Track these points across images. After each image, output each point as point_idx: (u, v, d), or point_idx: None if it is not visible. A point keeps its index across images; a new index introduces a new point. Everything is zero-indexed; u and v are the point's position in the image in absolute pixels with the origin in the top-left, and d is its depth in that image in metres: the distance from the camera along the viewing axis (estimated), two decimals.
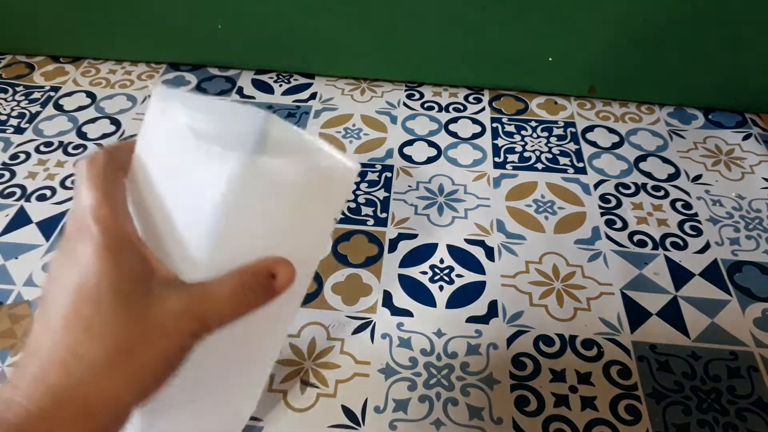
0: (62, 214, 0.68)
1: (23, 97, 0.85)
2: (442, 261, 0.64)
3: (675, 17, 0.75)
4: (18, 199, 0.70)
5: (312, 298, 0.60)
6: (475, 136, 0.80)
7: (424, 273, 0.63)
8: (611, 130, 0.81)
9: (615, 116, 0.84)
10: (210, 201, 0.27)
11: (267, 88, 0.88)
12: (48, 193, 0.71)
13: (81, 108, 0.84)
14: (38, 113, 0.83)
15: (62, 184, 0.72)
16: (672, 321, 0.59)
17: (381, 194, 0.71)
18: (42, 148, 0.77)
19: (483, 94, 0.87)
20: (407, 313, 0.59)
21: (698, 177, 0.75)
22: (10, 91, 0.86)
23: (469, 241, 0.66)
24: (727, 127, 0.82)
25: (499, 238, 0.66)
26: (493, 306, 0.60)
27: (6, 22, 0.89)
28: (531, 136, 0.80)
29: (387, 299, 0.60)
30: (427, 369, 0.54)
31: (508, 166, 0.76)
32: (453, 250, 0.65)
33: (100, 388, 0.25)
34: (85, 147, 0.77)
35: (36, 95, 0.86)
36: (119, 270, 0.26)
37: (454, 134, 0.80)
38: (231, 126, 0.31)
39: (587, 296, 0.61)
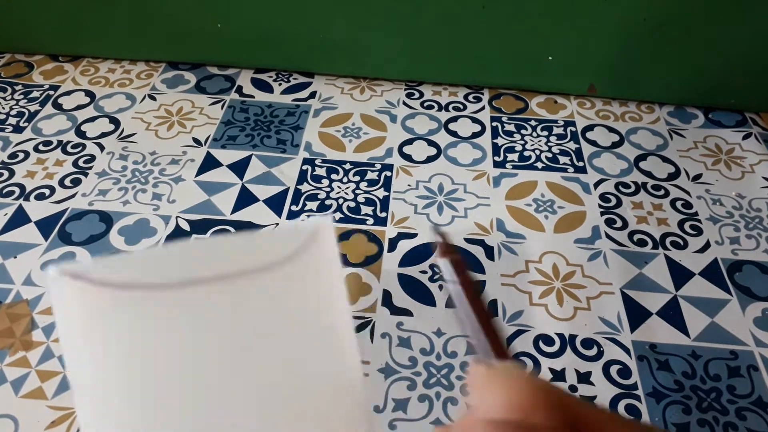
0: (61, 213, 0.68)
1: (22, 96, 0.85)
2: None
3: (675, 16, 0.75)
4: (17, 198, 0.70)
5: None
6: (475, 135, 0.80)
7: (424, 272, 0.63)
8: (611, 129, 0.81)
9: (615, 115, 0.84)
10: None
11: (266, 87, 0.88)
12: (47, 191, 0.71)
13: (80, 107, 0.84)
14: (37, 112, 0.82)
15: (61, 183, 0.72)
16: (672, 320, 0.59)
17: (380, 193, 0.71)
18: (41, 147, 0.77)
19: (483, 93, 0.87)
20: (407, 313, 0.59)
21: (698, 176, 0.74)
22: (9, 90, 0.86)
23: (468, 241, 0.66)
24: (727, 126, 0.82)
25: (499, 237, 0.66)
26: (492, 305, 0.59)
27: (5, 20, 0.89)
28: (531, 135, 0.80)
29: (386, 298, 0.60)
30: (426, 368, 0.54)
31: (507, 165, 0.75)
32: None
33: None
34: (84, 146, 0.77)
35: (35, 94, 0.85)
36: None
37: (453, 133, 0.80)
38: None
39: (587, 295, 0.61)
